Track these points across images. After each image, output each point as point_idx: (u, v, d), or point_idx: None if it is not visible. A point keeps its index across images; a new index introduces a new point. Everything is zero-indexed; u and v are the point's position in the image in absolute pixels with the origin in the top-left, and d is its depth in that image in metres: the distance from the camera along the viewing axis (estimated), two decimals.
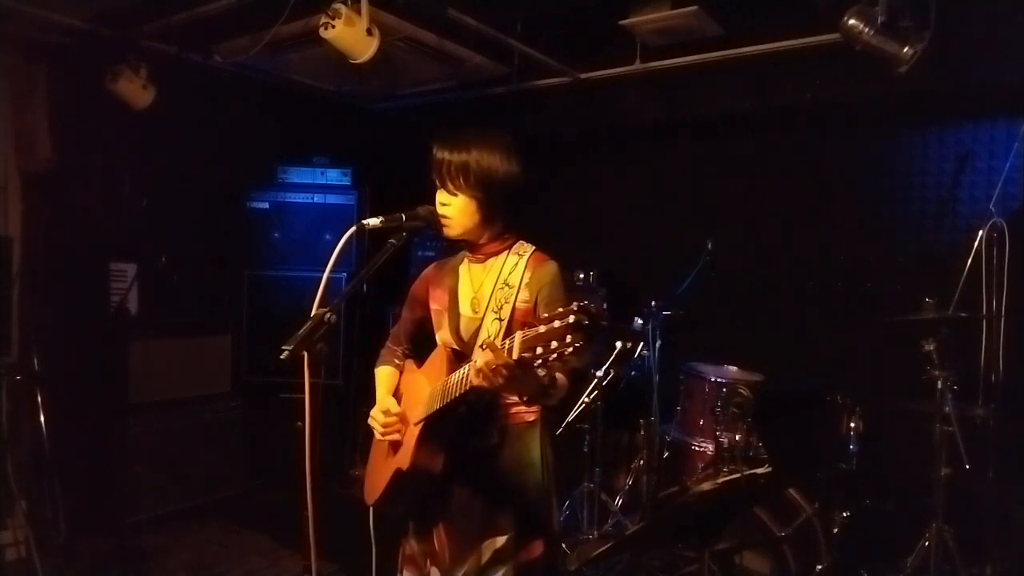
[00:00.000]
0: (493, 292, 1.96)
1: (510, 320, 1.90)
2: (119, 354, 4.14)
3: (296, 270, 4.80)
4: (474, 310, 2.00)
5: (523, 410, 1.99)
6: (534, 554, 1.96)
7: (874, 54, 3.01)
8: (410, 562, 2.09)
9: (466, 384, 1.73)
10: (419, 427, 1.90)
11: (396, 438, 2.01)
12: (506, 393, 1.89)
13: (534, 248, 2.01)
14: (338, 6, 3.18)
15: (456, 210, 1.93)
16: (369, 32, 3.26)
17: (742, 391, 3.21)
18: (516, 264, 1.97)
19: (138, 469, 4.10)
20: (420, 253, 4.95)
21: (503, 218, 1.98)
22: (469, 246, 2.04)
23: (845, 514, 3.22)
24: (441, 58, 3.99)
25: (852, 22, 2.97)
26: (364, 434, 4.97)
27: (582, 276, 4.25)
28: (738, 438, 3.15)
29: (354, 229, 1.84)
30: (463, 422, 1.90)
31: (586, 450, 3.87)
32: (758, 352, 3.72)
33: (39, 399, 3.58)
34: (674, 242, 4.07)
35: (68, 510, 3.71)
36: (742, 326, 3.95)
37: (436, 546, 2.00)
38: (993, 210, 3.30)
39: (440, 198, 1.95)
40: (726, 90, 4.04)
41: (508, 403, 1.98)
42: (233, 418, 4.62)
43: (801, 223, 3.99)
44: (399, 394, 2.14)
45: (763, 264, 4.03)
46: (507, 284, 1.94)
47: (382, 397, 2.11)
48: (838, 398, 3.33)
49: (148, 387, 4.23)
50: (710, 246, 3.73)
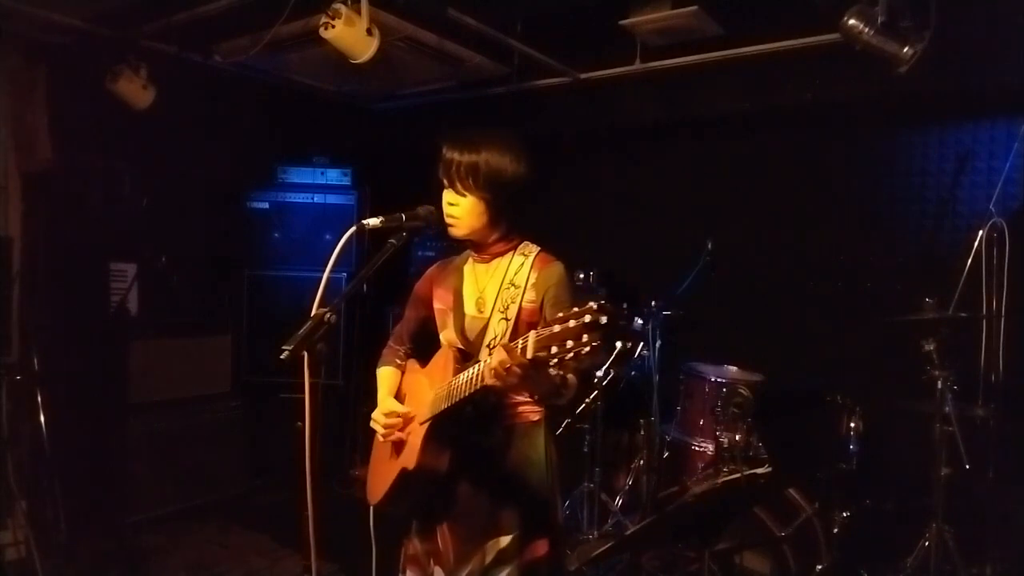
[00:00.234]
0: (499, 292, 1.96)
1: (516, 320, 1.91)
2: (119, 354, 4.14)
3: (296, 270, 4.80)
4: (479, 310, 2.00)
5: (528, 409, 2.00)
6: (538, 553, 1.96)
7: (874, 54, 3.01)
8: (413, 562, 2.08)
9: (478, 383, 1.73)
10: (424, 427, 1.90)
11: (399, 438, 2.01)
12: (519, 392, 1.90)
13: (539, 249, 2.02)
14: (338, 6, 3.18)
15: (464, 210, 1.93)
16: (369, 32, 3.26)
17: (742, 391, 3.21)
18: (522, 265, 1.97)
19: (138, 469, 4.10)
20: (420, 253, 4.95)
21: (509, 219, 1.98)
22: (474, 246, 2.04)
23: (845, 514, 3.22)
24: (441, 58, 3.99)
25: (852, 22, 2.97)
26: (364, 434, 5.00)
27: (582, 276, 4.25)
28: (738, 438, 3.16)
29: (354, 229, 1.85)
30: (469, 421, 1.91)
31: (586, 450, 3.87)
32: (758, 352, 3.72)
33: (39, 399, 3.58)
34: (674, 242, 4.07)
35: (68, 510, 3.71)
36: (742, 326, 3.95)
37: (440, 545, 2.00)
38: (993, 210, 3.30)
39: (448, 198, 1.95)
40: (726, 90, 4.04)
41: (513, 402, 1.98)
42: (233, 418, 4.61)
43: (801, 223, 3.99)
44: (402, 394, 2.14)
45: (763, 264, 4.02)
46: (513, 284, 1.95)
47: (384, 398, 2.11)
48: (838, 398, 3.33)
49: (148, 387, 4.23)
50: (710, 246, 3.74)
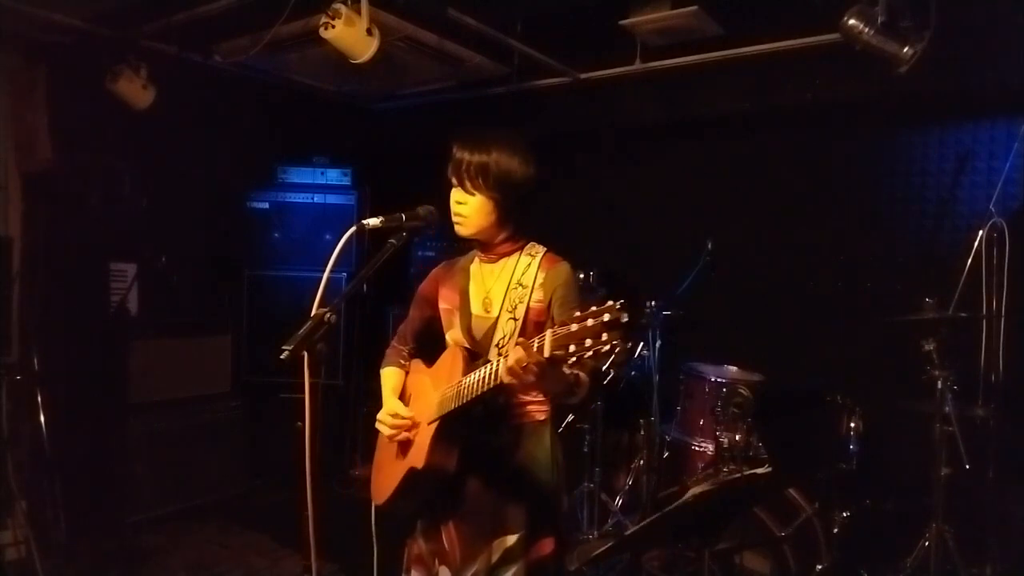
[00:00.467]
0: (506, 292, 1.97)
1: (524, 319, 1.92)
2: (119, 354, 4.14)
3: (296, 270, 4.80)
4: (485, 310, 2.01)
5: (535, 409, 2.01)
6: (544, 552, 1.97)
7: (874, 54, 3.01)
8: (418, 562, 2.08)
9: (493, 382, 1.73)
10: (433, 426, 1.90)
11: (406, 438, 2.01)
12: (532, 391, 1.91)
13: (545, 249, 2.03)
14: (338, 6, 3.18)
15: (472, 209, 1.94)
16: (369, 32, 3.26)
17: (742, 391, 3.21)
18: (529, 265, 1.98)
19: (138, 469, 4.10)
20: (420, 253, 4.96)
21: (517, 220, 2.00)
22: (481, 246, 2.05)
23: (845, 514, 3.22)
24: (441, 58, 3.99)
25: (852, 22, 2.97)
26: (364, 434, 5.01)
27: (582, 276, 4.23)
28: (738, 438, 3.15)
29: (354, 229, 1.85)
30: (478, 421, 1.91)
31: (586, 450, 3.87)
32: (758, 352, 3.72)
33: (39, 399, 3.59)
34: (674, 242, 4.08)
35: (68, 510, 3.72)
36: (742, 326, 3.95)
37: (446, 545, 2.00)
38: (993, 210, 3.30)
39: (456, 196, 1.96)
40: (726, 90, 4.04)
41: (521, 402, 1.99)
42: (233, 418, 4.61)
43: (801, 223, 3.99)
44: (406, 394, 2.14)
45: (763, 264, 4.02)
46: (520, 284, 1.96)
47: (389, 399, 2.11)
48: (838, 398, 3.33)
49: (148, 387, 4.23)
50: (710, 246, 3.74)
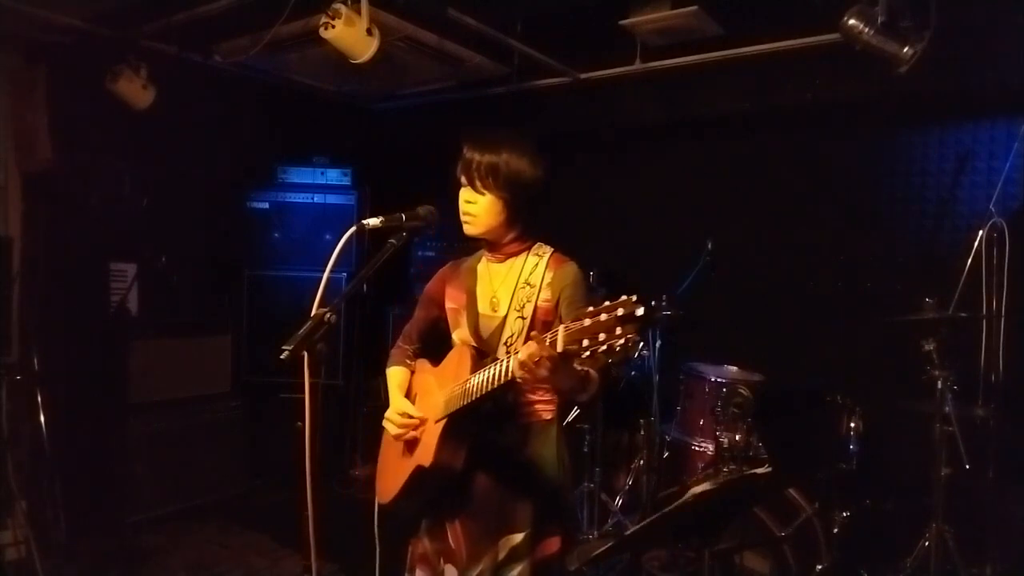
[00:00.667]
0: (514, 292, 1.99)
1: (532, 318, 1.93)
2: (119, 354, 4.14)
3: (296, 270, 4.80)
4: (493, 309, 2.03)
5: (542, 408, 2.02)
6: (550, 551, 1.98)
7: (874, 54, 3.01)
8: (423, 561, 2.09)
9: (504, 378, 1.73)
10: (441, 424, 1.91)
11: (413, 436, 2.01)
12: (546, 387, 1.92)
13: (553, 250, 2.05)
14: (338, 6, 3.18)
15: (482, 208, 1.96)
16: (369, 32, 3.26)
17: (742, 391, 3.21)
18: (536, 265, 2.00)
19: (138, 469, 4.10)
20: (420, 253, 4.95)
21: (525, 220, 2.02)
22: (489, 245, 2.07)
23: (845, 514, 3.22)
24: (441, 58, 3.99)
25: (852, 22, 2.97)
26: (364, 434, 5.02)
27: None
28: (738, 438, 3.15)
29: (354, 229, 1.85)
30: (485, 419, 1.92)
31: (586, 450, 3.87)
32: (758, 352, 3.72)
33: (39, 399, 3.59)
34: (674, 242, 4.07)
35: (68, 510, 3.72)
36: (742, 326, 3.95)
37: (452, 543, 2.01)
38: (993, 210, 3.30)
39: (465, 196, 1.98)
40: (726, 90, 4.04)
41: (528, 400, 2.00)
42: (233, 418, 4.61)
43: (801, 223, 3.99)
44: (412, 394, 2.15)
45: (763, 264, 4.02)
46: (528, 284, 1.98)
47: (396, 398, 2.12)
48: (838, 398, 3.33)
49: (148, 387, 4.23)
50: (710, 246, 3.74)
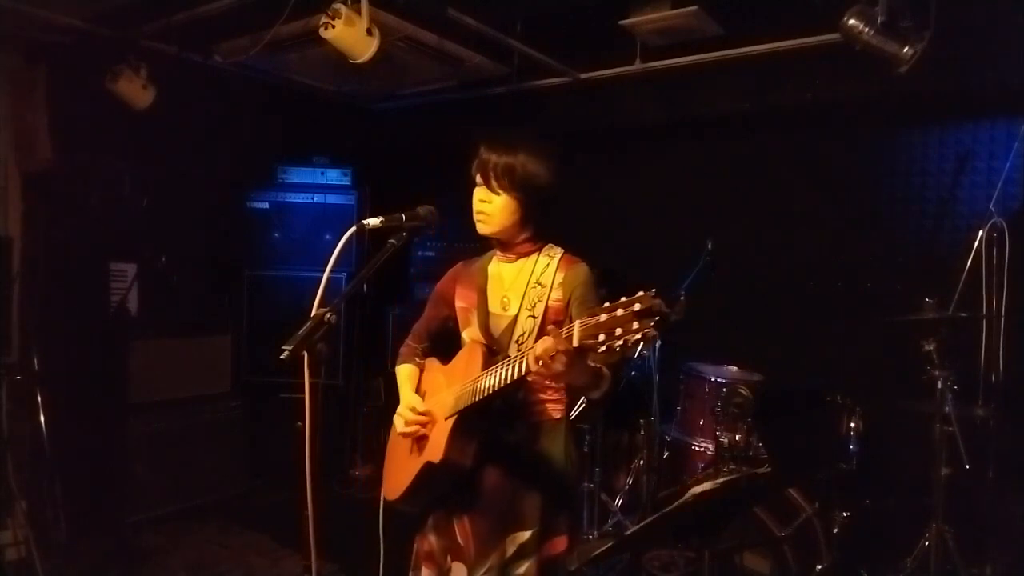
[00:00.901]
0: (526, 291, 2.01)
1: (543, 318, 1.95)
2: (119, 354, 4.14)
3: (296, 270, 4.80)
4: (503, 308, 2.05)
5: (551, 407, 2.03)
6: (557, 549, 1.99)
7: (874, 54, 3.01)
8: (428, 558, 2.09)
9: (517, 374, 1.74)
10: (451, 421, 1.92)
11: (422, 433, 2.03)
12: (560, 383, 1.94)
13: (563, 251, 2.07)
14: (338, 6, 3.18)
15: (496, 208, 1.98)
16: (369, 32, 3.26)
17: (742, 391, 3.21)
18: (548, 265, 2.02)
19: (138, 469, 4.10)
20: (420, 253, 4.95)
21: (538, 221, 2.04)
22: (501, 245, 2.09)
23: (845, 514, 3.21)
24: (441, 58, 3.99)
25: (852, 22, 2.97)
26: (364, 434, 5.02)
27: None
28: (738, 438, 3.15)
29: (354, 229, 1.86)
30: (496, 416, 1.93)
31: (586, 450, 3.86)
32: (758, 352, 3.72)
33: (39, 399, 3.59)
34: (674, 242, 4.07)
35: (68, 510, 3.71)
36: (742, 326, 3.95)
37: (460, 540, 2.01)
38: (993, 210, 3.30)
39: (480, 195, 2.00)
40: (726, 90, 4.04)
41: (538, 399, 2.02)
42: (233, 418, 4.61)
43: (801, 223, 3.99)
44: (421, 391, 2.17)
45: (763, 264, 4.02)
46: (539, 283, 2.00)
47: (407, 394, 2.14)
48: (838, 398, 3.33)
49: (148, 387, 4.23)
50: (710, 246, 3.73)
